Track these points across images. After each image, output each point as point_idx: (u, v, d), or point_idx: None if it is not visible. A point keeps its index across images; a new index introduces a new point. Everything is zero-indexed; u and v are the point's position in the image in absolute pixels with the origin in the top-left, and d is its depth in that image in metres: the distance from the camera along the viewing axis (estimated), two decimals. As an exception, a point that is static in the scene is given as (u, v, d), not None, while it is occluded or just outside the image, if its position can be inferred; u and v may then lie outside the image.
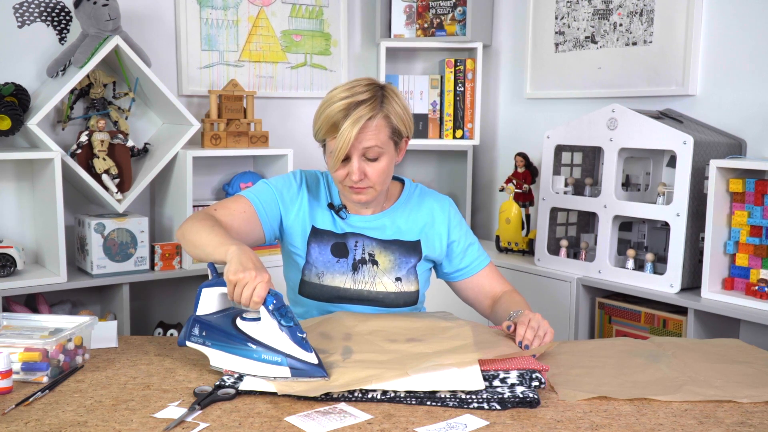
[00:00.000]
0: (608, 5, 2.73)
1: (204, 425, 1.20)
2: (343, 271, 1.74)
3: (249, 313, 1.43)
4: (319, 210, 1.77)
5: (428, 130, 3.19)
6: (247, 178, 2.88)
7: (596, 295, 2.51)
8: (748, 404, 1.32)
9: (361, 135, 1.62)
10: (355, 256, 1.74)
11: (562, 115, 2.92)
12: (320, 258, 1.74)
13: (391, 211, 1.79)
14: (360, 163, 1.65)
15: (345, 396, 1.29)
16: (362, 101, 1.62)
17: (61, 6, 2.61)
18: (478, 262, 1.83)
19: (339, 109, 1.62)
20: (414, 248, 1.77)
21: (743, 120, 2.39)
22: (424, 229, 1.79)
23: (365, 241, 1.75)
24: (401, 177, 1.87)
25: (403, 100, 1.70)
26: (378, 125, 1.64)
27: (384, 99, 1.66)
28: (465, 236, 1.83)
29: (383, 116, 1.65)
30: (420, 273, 1.78)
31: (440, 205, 1.83)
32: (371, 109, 1.62)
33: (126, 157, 2.61)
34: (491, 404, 1.27)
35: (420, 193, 1.84)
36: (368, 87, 1.65)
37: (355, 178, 1.65)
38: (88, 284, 2.50)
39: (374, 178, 1.67)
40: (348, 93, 1.64)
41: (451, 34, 3.15)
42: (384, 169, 1.67)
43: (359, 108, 1.61)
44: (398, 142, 1.72)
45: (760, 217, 2.09)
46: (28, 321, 1.55)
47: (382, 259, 1.75)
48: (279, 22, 3.07)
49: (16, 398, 1.31)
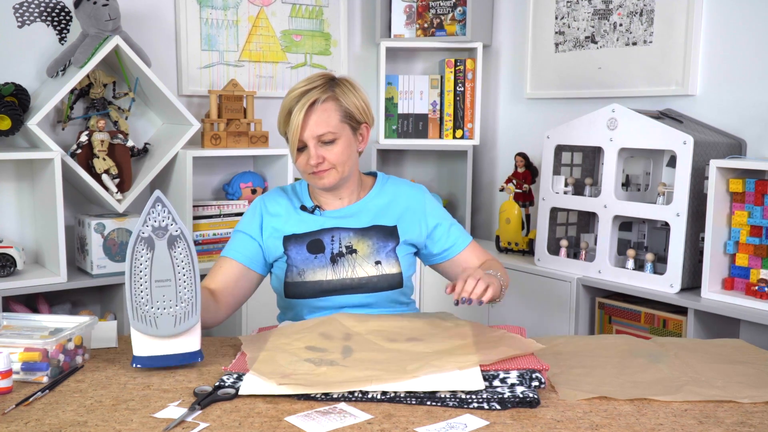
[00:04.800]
0: (608, 5, 2.73)
1: (204, 425, 1.19)
2: (323, 265, 1.77)
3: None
4: (287, 220, 1.82)
5: (428, 130, 3.19)
6: (246, 178, 2.88)
7: (596, 295, 2.51)
8: (748, 404, 1.32)
9: (309, 120, 1.70)
10: (332, 250, 1.77)
11: (562, 115, 2.91)
12: (298, 257, 1.77)
13: (366, 200, 1.84)
14: (316, 148, 1.72)
15: (345, 396, 1.29)
16: (313, 88, 1.72)
17: (61, 6, 2.61)
18: (461, 240, 1.87)
19: (293, 98, 1.72)
20: (391, 233, 1.81)
21: (743, 120, 2.39)
22: (402, 215, 1.83)
23: (341, 234, 1.79)
24: (373, 171, 1.93)
25: (359, 90, 1.80)
26: (327, 108, 1.72)
27: (335, 85, 1.75)
28: (445, 218, 1.88)
29: (332, 98, 1.73)
30: (401, 256, 1.80)
31: (415, 192, 1.88)
32: (317, 93, 1.71)
33: (126, 157, 2.61)
34: (491, 404, 1.27)
35: (393, 181, 1.90)
36: (322, 77, 1.76)
37: (313, 162, 1.72)
38: (88, 284, 2.50)
39: (333, 159, 1.73)
40: (303, 83, 1.74)
41: (451, 34, 3.15)
42: (342, 151, 1.74)
43: (306, 95, 1.71)
44: (355, 127, 1.78)
45: (760, 217, 2.09)
46: (28, 321, 1.55)
47: (361, 246, 1.78)
48: (279, 22, 3.07)
49: (16, 398, 1.31)
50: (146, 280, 1.39)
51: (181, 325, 1.41)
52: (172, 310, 1.41)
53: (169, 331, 1.41)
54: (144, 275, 1.39)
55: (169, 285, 1.40)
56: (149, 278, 1.39)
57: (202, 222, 2.74)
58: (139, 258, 1.39)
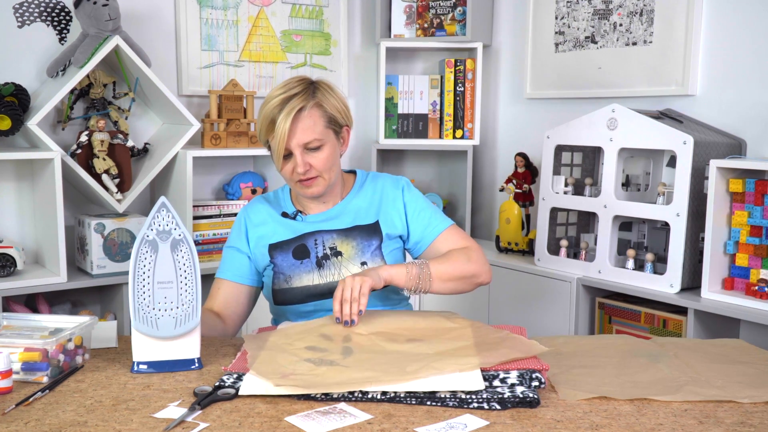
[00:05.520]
0: (608, 5, 2.73)
1: (204, 425, 1.19)
2: (309, 270, 1.77)
3: None
4: (270, 228, 1.82)
5: (428, 130, 3.19)
6: (246, 178, 2.88)
7: (596, 295, 2.51)
8: (748, 404, 1.32)
9: (296, 126, 1.68)
10: (317, 253, 1.77)
11: (562, 115, 2.91)
12: (284, 264, 1.78)
13: (347, 200, 1.84)
14: (302, 155, 1.70)
15: (345, 396, 1.29)
16: (294, 94, 1.69)
17: (61, 6, 2.61)
18: (435, 225, 1.83)
19: (274, 106, 1.69)
20: (374, 230, 1.80)
21: (743, 120, 2.39)
22: (381, 208, 1.83)
23: (324, 237, 1.78)
24: (353, 169, 1.92)
25: (338, 92, 1.77)
26: (312, 114, 1.70)
27: (316, 90, 1.73)
28: (416, 203, 1.84)
29: (316, 105, 1.71)
30: (387, 253, 1.79)
31: (393, 182, 1.87)
32: (301, 101, 1.69)
33: (126, 157, 2.61)
34: (491, 404, 1.27)
35: (373, 177, 1.89)
36: (300, 82, 1.73)
37: (300, 170, 1.71)
38: (88, 284, 2.50)
39: (319, 166, 1.72)
40: (282, 90, 1.71)
41: (451, 34, 3.15)
42: (328, 157, 1.73)
43: (290, 102, 1.68)
44: (338, 131, 1.77)
45: (760, 217, 2.09)
46: (28, 321, 1.55)
47: (345, 247, 1.78)
48: (279, 22, 3.07)
49: (16, 398, 1.31)
50: (149, 281, 1.41)
51: (181, 327, 1.42)
52: (173, 312, 1.42)
53: (169, 333, 1.42)
54: (147, 277, 1.41)
55: (170, 287, 1.42)
56: (152, 280, 1.41)
57: (202, 222, 2.74)
58: (143, 260, 1.40)
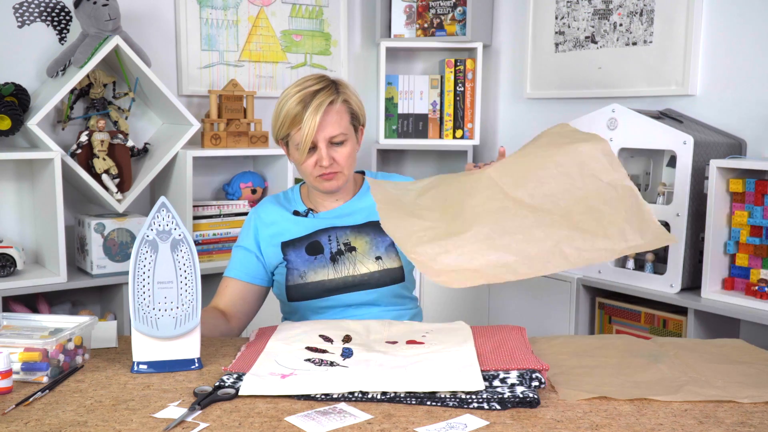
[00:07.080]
0: (608, 5, 2.73)
1: (204, 425, 1.19)
2: (323, 265, 1.77)
3: None
4: (283, 226, 1.82)
5: (428, 130, 3.19)
6: (247, 178, 2.88)
7: (596, 295, 2.51)
8: (748, 404, 1.32)
9: (324, 121, 1.69)
10: (331, 249, 1.78)
11: (562, 115, 2.91)
12: (298, 260, 1.78)
13: (359, 197, 1.85)
14: (327, 149, 1.71)
15: (345, 396, 1.29)
16: (318, 90, 1.70)
17: (61, 6, 2.61)
18: None
19: (296, 102, 1.69)
20: None
21: (743, 120, 2.39)
22: None
23: (338, 233, 1.79)
24: (361, 170, 1.94)
25: (355, 91, 1.80)
26: (339, 110, 1.72)
27: (339, 86, 1.75)
28: None
29: (343, 101, 1.73)
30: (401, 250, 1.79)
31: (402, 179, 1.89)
32: (330, 95, 1.70)
33: (126, 157, 2.61)
34: (491, 404, 1.27)
35: (383, 175, 1.92)
36: (319, 79, 1.74)
37: (325, 164, 1.71)
38: (88, 284, 2.50)
39: (342, 161, 1.74)
40: (300, 87, 1.71)
41: (451, 34, 3.15)
42: (350, 153, 1.75)
43: (317, 96, 1.69)
44: (357, 128, 1.80)
45: (760, 217, 2.09)
46: (28, 321, 1.55)
47: (359, 242, 1.78)
48: (279, 22, 3.07)
49: (16, 398, 1.31)
50: (149, 281, 1.41)
51: (181, 327, 1.42)
52: (173, 312, 1.42)
53: (169, 333, 1.42)
54: (147, 277, 1.41)
55: (170, 287, 1.41)
56: (152, 280, 1.41)
57: (202, 222, 2.74)
58: (143, 260, 1.40)
